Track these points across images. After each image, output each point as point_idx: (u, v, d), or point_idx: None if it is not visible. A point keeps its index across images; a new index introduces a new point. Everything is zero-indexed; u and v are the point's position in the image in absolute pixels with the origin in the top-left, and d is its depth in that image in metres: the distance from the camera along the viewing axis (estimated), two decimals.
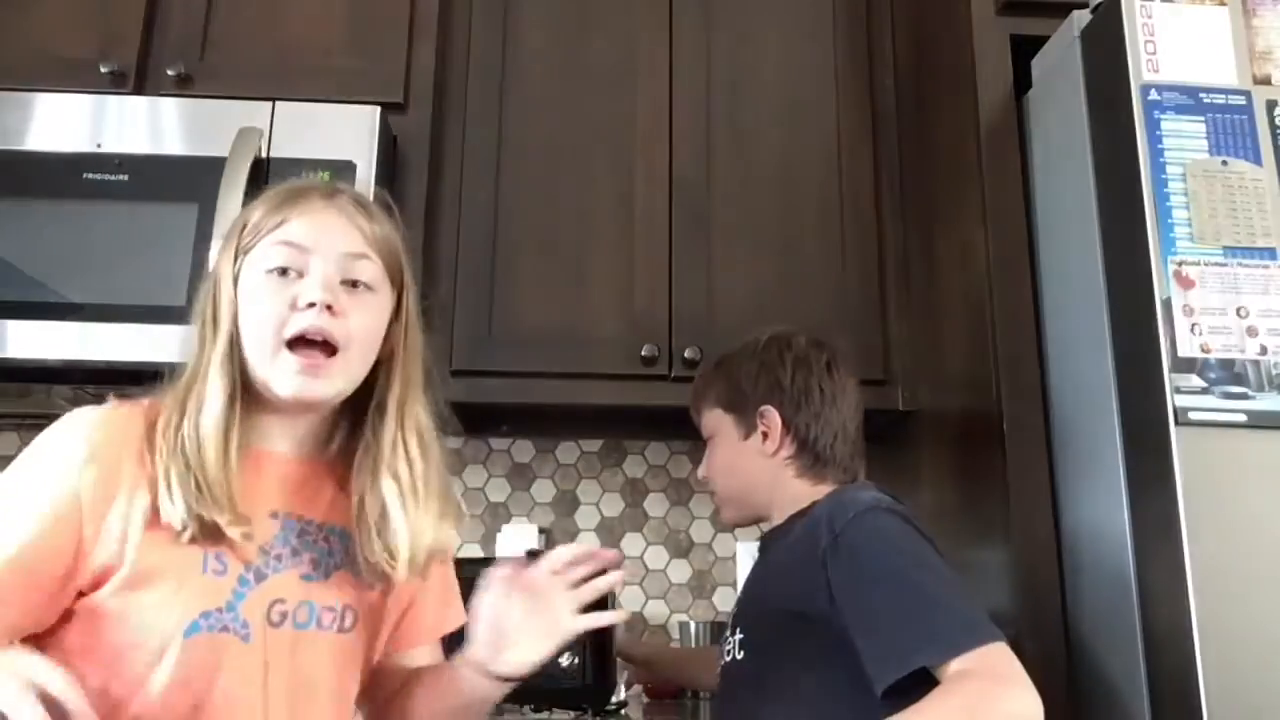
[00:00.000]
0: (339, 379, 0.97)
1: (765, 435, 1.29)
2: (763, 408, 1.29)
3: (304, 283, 0.95)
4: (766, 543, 1.34)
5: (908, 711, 0.94)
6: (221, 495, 0.89)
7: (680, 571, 2.04)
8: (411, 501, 0.99)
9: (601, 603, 1.56)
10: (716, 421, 1.35)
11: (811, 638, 1.09)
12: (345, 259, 0.98)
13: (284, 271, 0.96)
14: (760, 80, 1.93)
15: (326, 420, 1.02)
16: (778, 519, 1.30)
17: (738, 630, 1.23)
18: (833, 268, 1.83)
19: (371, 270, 0.99)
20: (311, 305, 0.94)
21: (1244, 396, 1.15)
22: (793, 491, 1.28)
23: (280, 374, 0.94)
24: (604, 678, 1.51)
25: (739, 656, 1.21)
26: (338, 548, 1.00)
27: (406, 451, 1.00)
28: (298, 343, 0.94)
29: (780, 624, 1.14)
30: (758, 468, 1.30)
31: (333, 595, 0.98)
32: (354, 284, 0.98)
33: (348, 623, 0.99)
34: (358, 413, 1.02)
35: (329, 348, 0.95)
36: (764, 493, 1.30)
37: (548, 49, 1.91)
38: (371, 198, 1.08)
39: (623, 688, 1.70)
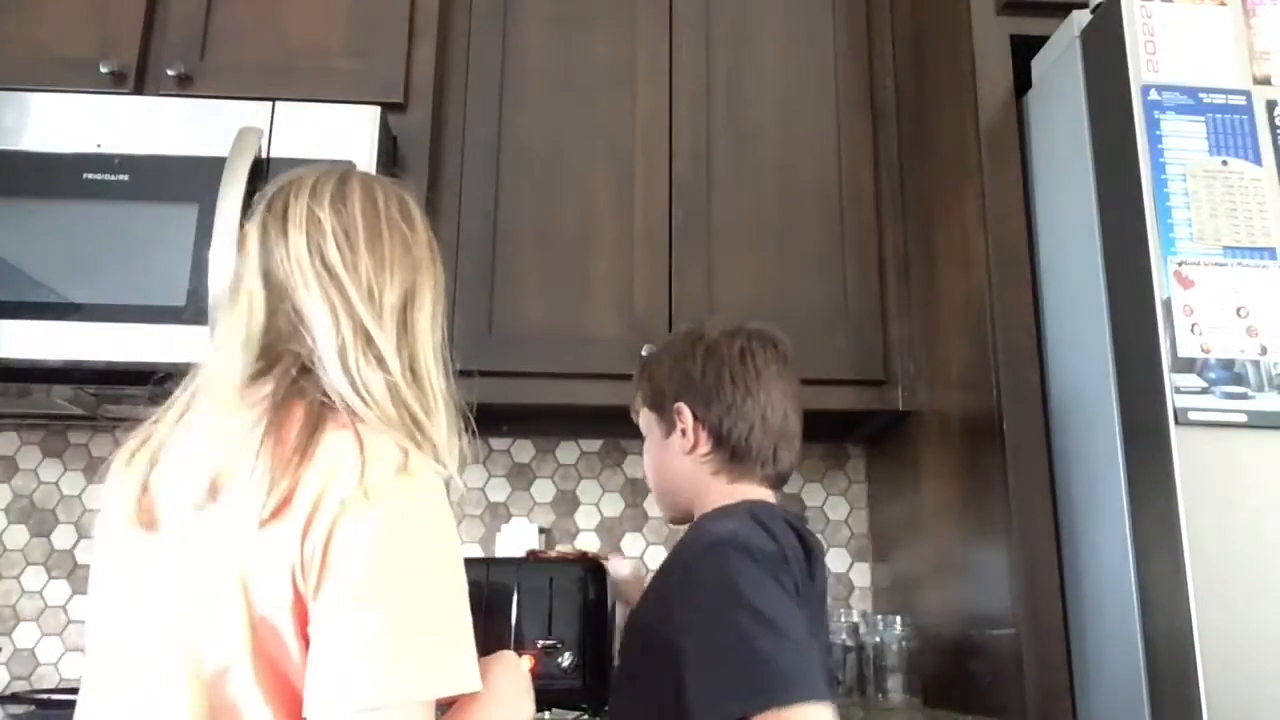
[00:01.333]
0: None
1: (683, 432, 1.23)
2: (676, 404, 1.24)
3: None
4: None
5: None
6: None
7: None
8: None
9: (601, 603, 1.56)
10: (645, 421, 1.32)
11: (654, 661, 1.07)
12: None
13: None
14: (760, 80, 1.93)
15: None
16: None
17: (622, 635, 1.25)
18: (833, 268, 1.83)
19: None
20: None
21: (1244, 396, 1.15)
22: (713, 489, 1.22)
23: None
24: (604, 678, 1.51)
25: (617, 662, 1.21)
26: None
27: None
28: None
29: (643, 638, 1.14)
30: (679, 466, 1.25)
31: None
32: None
33: None
34: None
35: None
36: (687, 491, 1.25)
37: (548, 49, 1.91)
38: None
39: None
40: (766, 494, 1.22)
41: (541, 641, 1.52)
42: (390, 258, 0.92)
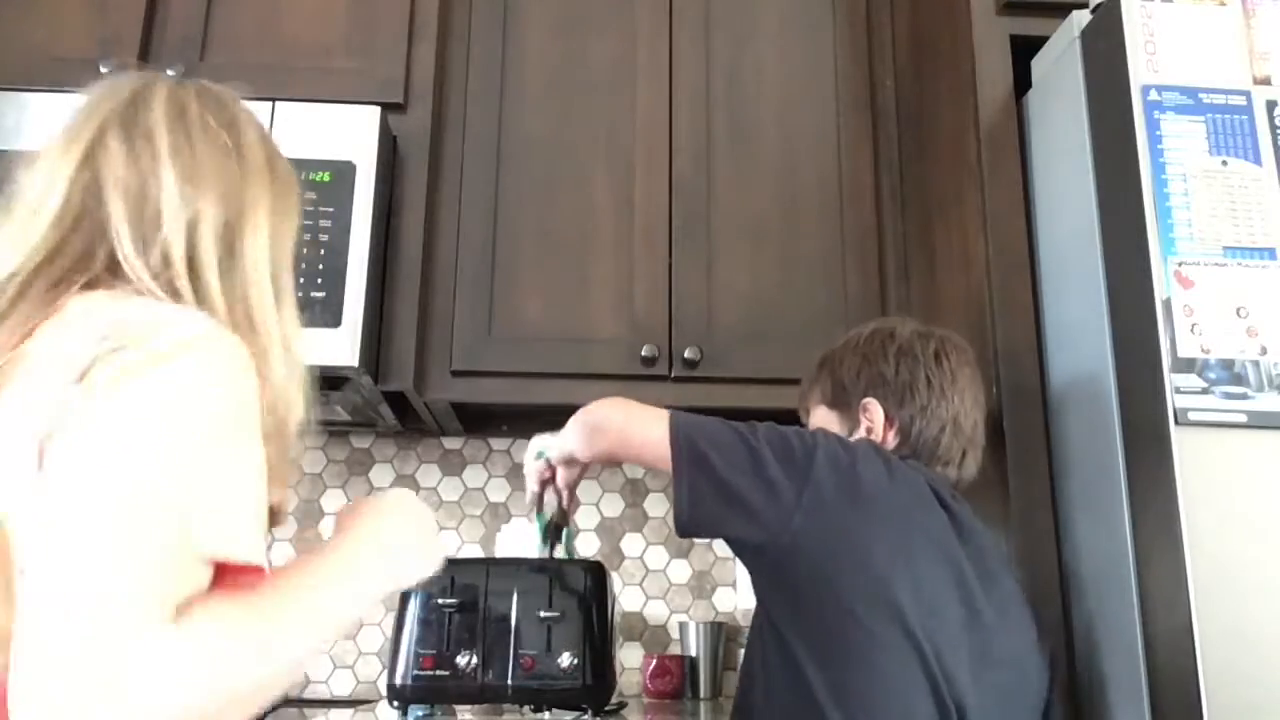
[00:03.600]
0: None
1: (869, 430, 1.23)
2: (865, 400, 1.24)
3: None
4: None
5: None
6: None
7: (680, 571, 2.04)
8: None
9: (602, 600, 1.56)
10: (822, 420, 1.30)
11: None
12: None
13: None
14: (760, 80, 1.93)
15: None
16: None
17: None
18: (833, 268, 1.83)
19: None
20: None
21: (1244, 397, 1.15)
22: None
23: None
24: (604, 678, 1.51)
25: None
26: None
27: None
28: None
29: None
30: None
31: None
32: None
33: None
34: None
35: None
36: None
37: (548, 49, 1.91)
38: None
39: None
40: None
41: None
42: (202, 169, 0.82)
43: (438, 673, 1.49)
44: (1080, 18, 1.40)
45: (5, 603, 0.65)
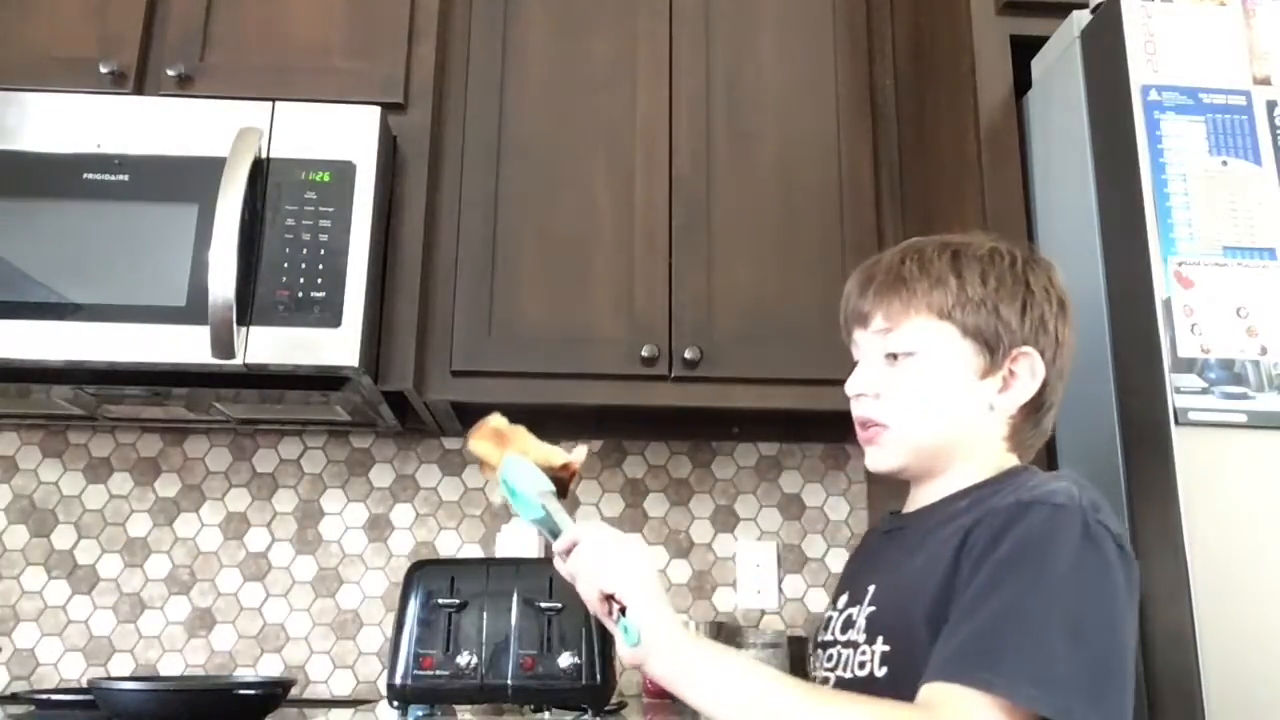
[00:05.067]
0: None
1: (1007, 382, 0.99)
2: (1024, 349, 0.99)
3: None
4: (923, 518, 1.03)
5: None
6: None
7: (680, 572, 2.04)
8: None
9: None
10: (935, 340, 0.99)
11: None
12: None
13: None
14: (760, 80, 1.93)
15: None
16: (946, 485, 1.01)
17: (878, 638, 0.94)
18: (833, 268, 1.83)
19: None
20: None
21: (1244, 396, 1.14)
22: (987, 451, 1.00)
23: None
24: (604, 678, 1.51)
25: (878, 673, 0.92)
26: None
27: None
28: None
29: (928, 635, 0.87)
30: (975, 418, 1.00)
31: None
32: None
33: None
34: None
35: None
36: (963, 449, 1.00)
37: (548, 49, 1.91)
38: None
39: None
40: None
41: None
42: None
43: (438, 673, 1.49)
44: (1080, 18, 1.40)
45: None
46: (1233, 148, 1.24)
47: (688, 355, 1.73)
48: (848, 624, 1.00)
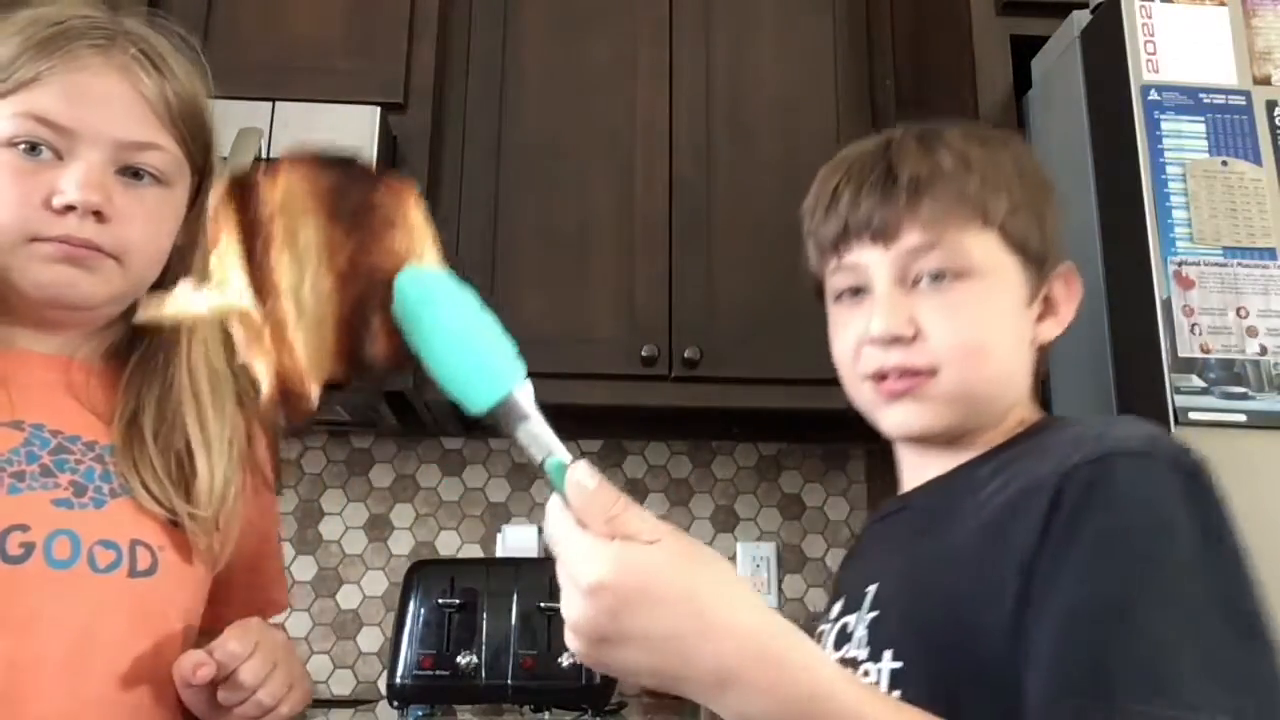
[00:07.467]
0: (115, 281, 0.75)
1: (1052, 308, 0.80)
2: (1067, 266, 0.81)
3: (63, 173, 0.72)
4: (932, 494, 0.79)
5: None
6: None
7: None
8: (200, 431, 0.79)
9: None
10: (980, 254, 0.75)
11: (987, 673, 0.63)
12: (123, 148, 0.75)
13: (33, 148, 0.72)
14: (760, 80, 1.93)
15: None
16: (965, 450, 0.77)
17: (885, 652, 0.71)
18: None
19: (162, 159, 0.77)
20: (71, 209, 0.71)
21: (1244, 396, 1.15)
22: (1018, 410, 0.78)
23: (26, 264, 0.71)
24: (604, 678, 1.51)
25: (893, 695, 0.67)
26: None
27: (193, 381, 0.80)
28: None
29: (959, 642, 0.66)
30: (1019, 354, 0.78)
31: (109, 528, 0.75)
32: (135, 174, 0.76)
33: (142, 565, 0.76)
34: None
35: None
36: (1007, 400, 0.78)
37: (548, 49, 1.91)
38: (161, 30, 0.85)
39: None
40: None
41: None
42: None
43: (438, 673, 1.49)
44: (1080, 18, 1.40)
45: None
46: (1233, 147, 1.24)
47: (687, 355, 1.73)
48: (843, 637, 0.76)
